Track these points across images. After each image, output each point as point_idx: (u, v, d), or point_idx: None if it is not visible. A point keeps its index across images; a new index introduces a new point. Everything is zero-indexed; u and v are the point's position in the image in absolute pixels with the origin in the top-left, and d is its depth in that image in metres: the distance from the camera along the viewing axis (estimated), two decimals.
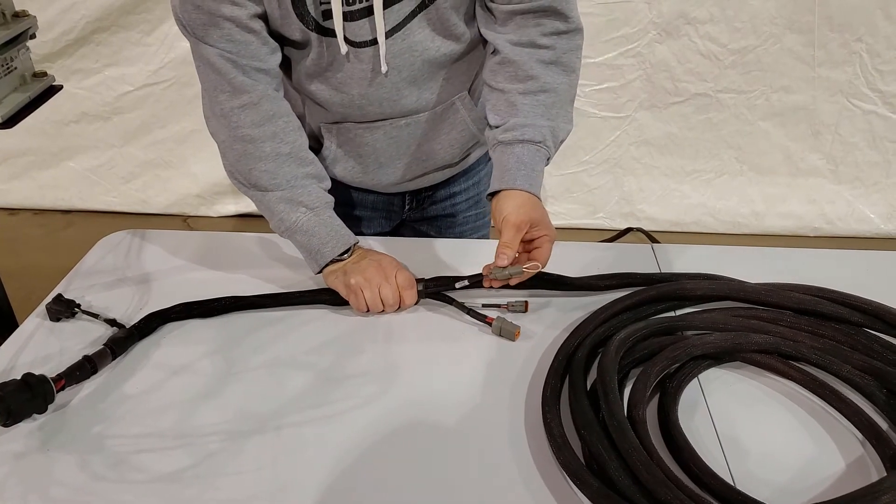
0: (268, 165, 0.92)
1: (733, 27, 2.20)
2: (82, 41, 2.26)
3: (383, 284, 0.91)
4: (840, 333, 0.86)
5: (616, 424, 0.70)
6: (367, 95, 0.95)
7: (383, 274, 0.92)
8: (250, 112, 0.89)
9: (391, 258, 0.95)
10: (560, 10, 0.89)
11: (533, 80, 0.91)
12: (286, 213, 0.93)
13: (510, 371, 0.84)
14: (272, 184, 0.93)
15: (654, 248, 1.09)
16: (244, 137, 0.91)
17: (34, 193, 2.57)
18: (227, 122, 0.90)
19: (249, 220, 2.56)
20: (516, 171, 0.89)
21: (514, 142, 0.90)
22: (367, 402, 0.80)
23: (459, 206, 1.20)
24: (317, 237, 0.94)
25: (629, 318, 0.89)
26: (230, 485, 0.69)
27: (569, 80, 0.93)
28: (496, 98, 0.93)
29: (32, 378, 0.75)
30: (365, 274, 0.92)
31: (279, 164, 0.92)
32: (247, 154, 0.92)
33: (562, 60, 0.91)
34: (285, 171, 0.92)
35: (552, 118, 0.91)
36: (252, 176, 0.93)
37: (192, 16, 0.84)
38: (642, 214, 2.54)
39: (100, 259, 1.04)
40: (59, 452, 0.72)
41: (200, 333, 0.90)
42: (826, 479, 0.71)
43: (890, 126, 2.35)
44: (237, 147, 0.92)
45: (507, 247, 0.85)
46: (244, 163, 0.93)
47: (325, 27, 0.88)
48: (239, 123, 0.90)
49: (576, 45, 0.92)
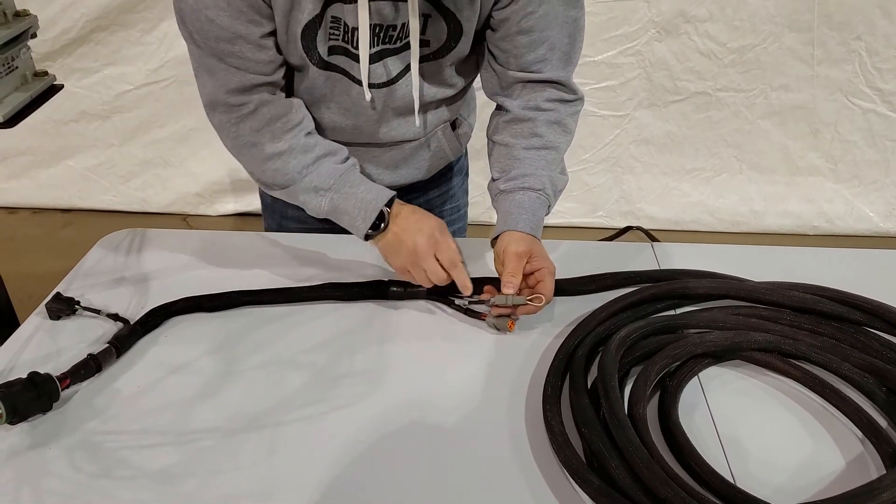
0: (275, 164, 0.92)
1: (732, 26, 2.20)
2: (82, 40, 2.25)
3: (422, 268, 0.90)
4: (840, 332, 0.86)
5: (617, 423, 0.70)
6: (358, 127, 0.99)
7: (416, 258, 0.90)
8: (249, 120, 0.90)
9: (430, 232, 0.91)
10: (564, 83, 0.95)
11: (538, 138, 0.96)
12: (313, 202, 0.94)
13: (510, 370, 0.84)
14: (286, 179, 0.93)
15: (654, 246, 1.09)
16: (246, 143, 0.92)
17: (33, 192, 2.56)
18: (227, 132, 0.91)
19: (249, 218, 2.56)
20: (518, 216, 0.92)
21: (515, 189, 0.94)
22: (366, 400, 0.80)
23: (434, 201, 1.22)
24: (347, 214, 0.93)
25: (629, 316, 0.90)
26: (227, 482, 0.70)
27: (567, 139, 0.99)
28: (499, 152, 0.98)
29: (38, 377, 0.75)
30: (399, 258, 0.92)
31: (284, 160, 0.92)
32: (253, 158, 0.93)
33: (563, 122, 0.97)
34: (293, 164, 0.92)
35: (551, 171, 0.96)
36: (266, 176, 0.94)
37: (204, 27, 0.82)
38: (642, 213, 2.54)
39: (101, 258, 1.04)
40: (56, 449, 0.72)
41: (200, 331, 0.90)
42: (826, 477, 0.71)
43: (889, 124, 2.35)
44: (244, 152, 0.93)
45: (511, 275, 0.87)
46: (255, 165, 0.94)
47: (328, 62, 0.90)
48: (238, 133, 0.91)
49: (576, 110, 0.99)
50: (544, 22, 0.89)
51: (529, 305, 0.87)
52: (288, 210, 1.17)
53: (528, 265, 0.89)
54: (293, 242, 1.08)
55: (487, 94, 1.01)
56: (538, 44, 0.91)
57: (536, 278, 0.89)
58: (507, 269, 0.88)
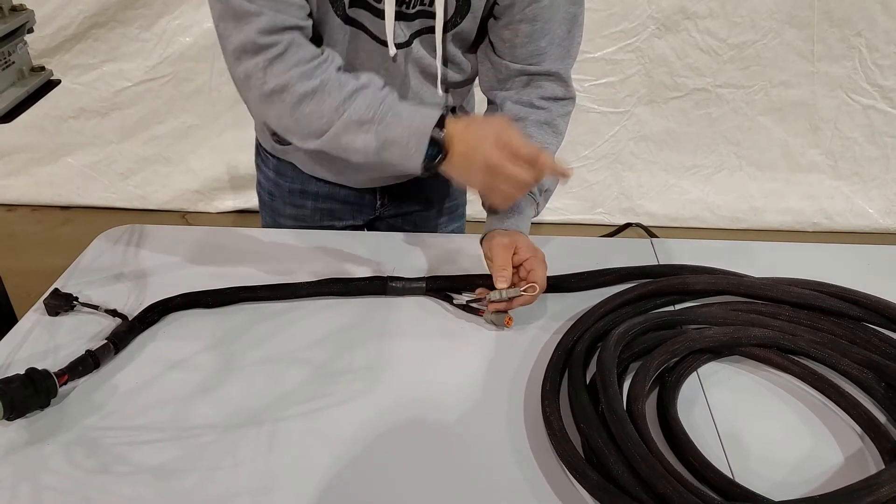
0: (309, 105, 0.84)
1: (732, 22, 2.20)
2: (80, 36, 2.25)
3: (506, 179, 0.82)
4: (839, 328, 0.86)
5: (615, 418, 0.70)
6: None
7: (495, 172, 0.82)
8: (279, 63, 0.83)
9: (494, 137, 0.81)
10: (563, 77, 0.95)
11: (527, 139, 0.93)
12: (358, 140, 0.84)
13: (509, 365, 0.84)
14: (322, 123, 0.84)
15: (654, 242, 1.09)
16: (276, 89, 0.84)
17: (32, 189, 2.56)
18: (255, 80, 0.84)
19: (248, 215, 2.56)
20: (503, 215, 0.93)
21: None
22: (365, 396, 0.80)
23: (432, 199, 1.21)
24: (398, 145, 0.83)
25: (628, 312, 0.89)
26: (227, 478, 0.69)
27: (556, 141, 0.98)
28: None
29: (36, 373, 0.75)
30: (477, 179, 0.84)
31: (319, 99, 0.84)
32: (284, 104, 0.85)
33: (554, 122, 0.97)
34: (328, 102, 0.84)
35: None
36: (301, 124, 0.86)
37: None
38: (641, 210, 2.54)
39: (99, 254, 1.04)
40: (54, 445, 0.72)
41: (198, 327, 0.90)
42: (825, 473, 0.71)
43: (889, 121, 2.35)
44: (275, 101, 0.85)
45: (502, 268, 0.87)
46: (287, 113, 0.85)
47: (350, 16, 0.88)
48: (267, 78, 0.83)
49: (567, 111, 0.99)
50: (549, 13, 0.89)
51: (525, 296, 0.87)
52: (285, 209, 1.17)
53: (516, 256, 0.89)
54: (292, 239, 1.08)
55: (484, 89, 1.01)
56: (539, 35, 0.91)
57: (526, 268, 0.89)
58: (497, 263, 0.88)
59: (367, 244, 1.07)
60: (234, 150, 2.46)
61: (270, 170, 1.15)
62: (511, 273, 0.88)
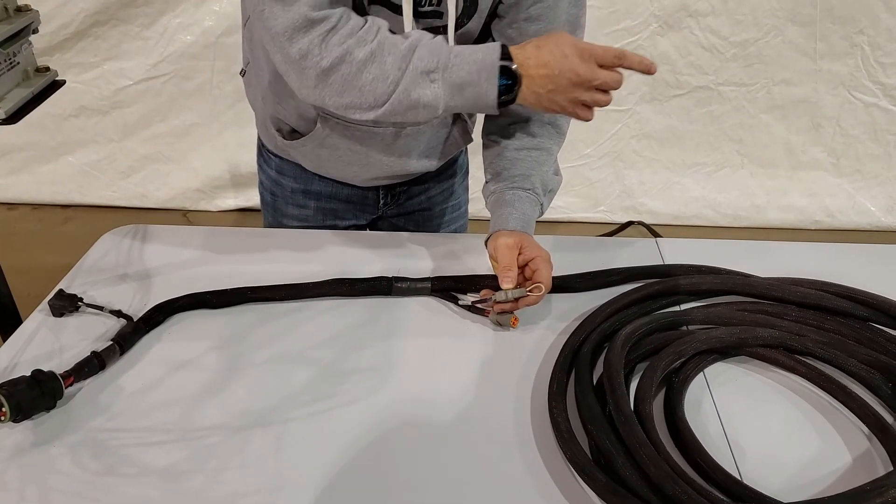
0: (371, 70, 0.81)
1: (735, 20, 2.20)
2: (81, 35, 2.25)
3: (597, 84, 0.81)
4: (845, 328, 0.86)
5: (623, 419, 0.70)
6: None
7: (581, 82, 0.80)
8: (334, 35, 0.81)
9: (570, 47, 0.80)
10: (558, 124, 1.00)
11: (530, 138, 0.98)
12: (429, 92, 0.81)
13: (516, 366, 0.84)
14: (388, 84, 0.81)
15: (658, 242, 1.09)
16: (336, 61, 0.81)
17: (33, 188, 2.56)
18: (314, 58, 0.81)
19: (249, 214, 2.56)
20: (508, 215, 0.94)
21: (505, 190, 0.95)
22: (373, 396, 0.80)
23: (435, 198, 1.21)
24: (471, 85, 0.81)
25: (634, 312, 0.89)
26: (234, 479, 0.69)
27: (559, 139, 1.01)
28: (492, 153, 1.00)
29: (42, 375, 0.75)
30: (564, 96, 0.82)
31: (380, 61, 0.81)
32: (347, 76, 0.81)
33: (556, 122, 1.00)
34: (389, 62, 0.81)
35: (542, 171, 0.97)
36: (366, 94, 0.82)
37: None
38: (643, 208, 2.54)
39: (103, 255, 1.03)
40: (60, 446, 0.72)
41: (204, 327, 0.90)
42: (832, 474, 0.71)
43: (891, 118, 2.35)
44: (335, 74, 0.81)
45: (507, 269, 0.88)
46: (351, 84, 0.82)
47: (369, 14, 0.86)
48: (324, 52, 0.80)
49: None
50: (553, 13, 0.90)
51: (530, 296, 0.87)
52: (288, 209, 1.16)
53: (521, 256, 0.89)
54: (297, 239, 1.08)
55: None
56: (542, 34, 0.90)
57: (531, 268, 0.89)
58: (502, 264, 0.88)
59: (371, 244, 1.06)
60: (236, 149, 2.46)
61: (273, 170, 1.15)
62: (516, 273, 0.88)
